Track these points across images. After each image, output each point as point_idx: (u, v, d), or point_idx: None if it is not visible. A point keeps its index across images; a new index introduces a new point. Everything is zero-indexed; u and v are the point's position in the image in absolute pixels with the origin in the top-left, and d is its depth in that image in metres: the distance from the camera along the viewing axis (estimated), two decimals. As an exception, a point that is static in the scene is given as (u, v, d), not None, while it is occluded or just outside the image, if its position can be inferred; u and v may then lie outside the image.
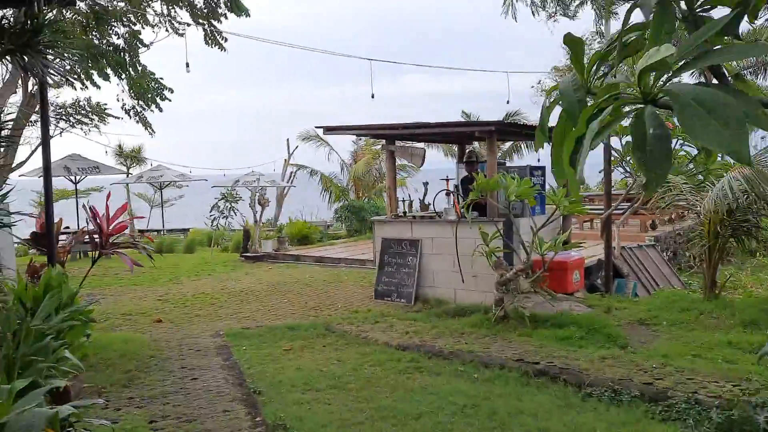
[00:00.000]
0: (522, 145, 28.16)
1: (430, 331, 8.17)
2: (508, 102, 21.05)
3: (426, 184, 13.13)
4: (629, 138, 1.47)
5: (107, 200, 7.18)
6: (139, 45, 13.61)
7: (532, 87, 28.87)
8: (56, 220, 7.62)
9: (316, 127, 11.02)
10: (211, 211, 16.60)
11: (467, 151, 12.80)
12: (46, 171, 7.32)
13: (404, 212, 11.06)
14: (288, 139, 28.63)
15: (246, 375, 6.57)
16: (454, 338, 7.77)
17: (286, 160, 28.35)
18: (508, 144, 28.94)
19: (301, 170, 25.08)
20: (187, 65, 12.17)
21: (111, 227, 6.87)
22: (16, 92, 14.03)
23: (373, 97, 11.78)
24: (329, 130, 11.00)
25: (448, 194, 10.00)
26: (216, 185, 24.17)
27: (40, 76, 6.56)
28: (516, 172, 9.69)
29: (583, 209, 8.85)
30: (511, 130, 9.42)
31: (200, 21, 13.30)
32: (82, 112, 19.14)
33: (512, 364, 6.62)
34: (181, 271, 14.57)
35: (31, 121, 18.09)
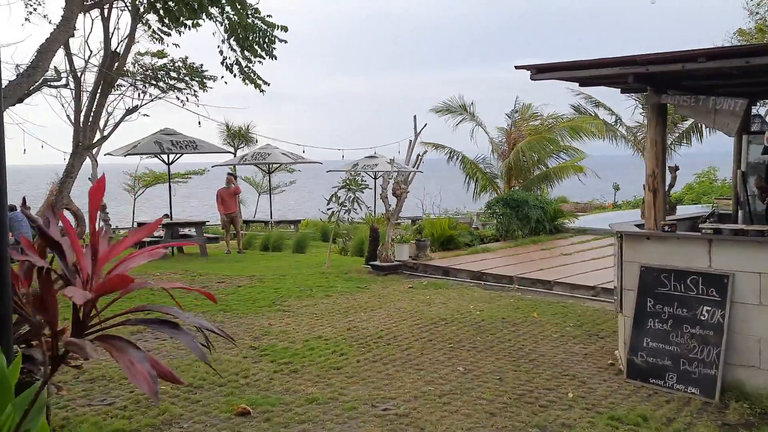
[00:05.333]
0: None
1: None
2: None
3: (676, 169, 8.13)
4: None
5: (93, 196, 2.82)
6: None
7: None
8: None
9: (517, 67, 6.36)
10: (328, 203, 12.37)
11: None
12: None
13: (673, 223, 6.17)
14: (415, 116, 24.03)
15: None
16: None
17: (411, 140, 23.82)
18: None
19: (437, 151, 20.20)
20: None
21: (102, 275, 2.53)
22: (73, 35, 10.38)
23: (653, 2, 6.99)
24: (542, 70, 6.27)
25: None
26: (332, 170, 20.13)
27: None
28: None
29: None
30: None
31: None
32: (178, 75, 15.54)
33: None
34: (288, 286, 10.46)
35: (117, 86, 14.74)
